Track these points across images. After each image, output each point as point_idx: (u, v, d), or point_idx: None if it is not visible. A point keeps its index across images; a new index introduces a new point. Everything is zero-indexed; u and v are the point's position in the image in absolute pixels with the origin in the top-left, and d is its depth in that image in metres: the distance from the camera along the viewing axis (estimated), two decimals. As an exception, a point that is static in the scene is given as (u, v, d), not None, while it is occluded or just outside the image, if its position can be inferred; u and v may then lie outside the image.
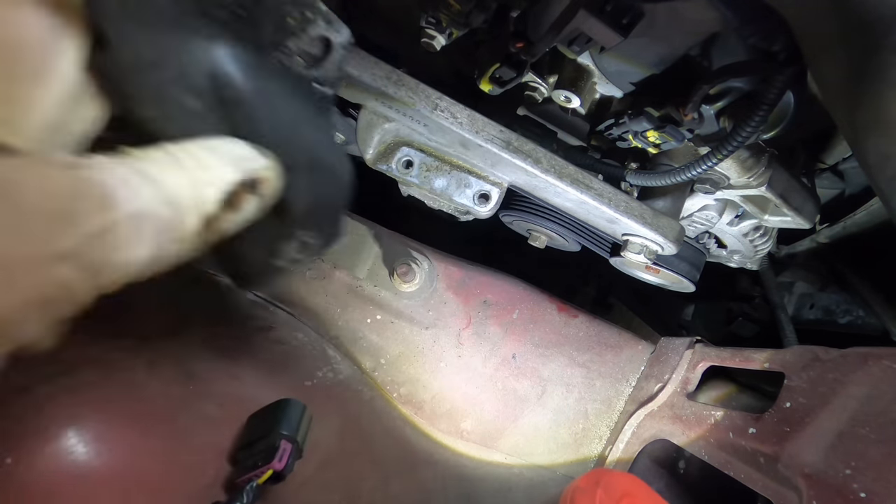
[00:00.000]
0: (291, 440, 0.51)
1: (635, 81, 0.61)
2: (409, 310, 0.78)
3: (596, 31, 0.49)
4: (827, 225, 0.79)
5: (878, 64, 0.37)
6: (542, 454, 0.79)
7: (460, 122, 0.58)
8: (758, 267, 0.89)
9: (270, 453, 0.49)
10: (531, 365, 0.80)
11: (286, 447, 0.50)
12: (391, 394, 0.76)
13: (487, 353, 0.79)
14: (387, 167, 0.63)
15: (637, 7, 0.49)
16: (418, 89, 0.57)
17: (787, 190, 0.65)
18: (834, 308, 0.86)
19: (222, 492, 0.50)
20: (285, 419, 0.52)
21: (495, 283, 0.81)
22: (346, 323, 0.78)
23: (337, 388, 0.68)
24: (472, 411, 0.78)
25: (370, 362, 0.77)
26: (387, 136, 0.63)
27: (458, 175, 0.63)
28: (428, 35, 0.53)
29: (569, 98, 0.62)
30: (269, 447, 0.50)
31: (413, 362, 0.77)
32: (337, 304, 0.78)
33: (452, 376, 0.78)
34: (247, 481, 0.47)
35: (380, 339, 0.77)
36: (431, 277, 0.79)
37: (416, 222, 0.99)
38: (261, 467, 0.48)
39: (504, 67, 0.56)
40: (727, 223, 0.76)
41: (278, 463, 0.48)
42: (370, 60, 0.55)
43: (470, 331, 0.79)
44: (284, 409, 0.54)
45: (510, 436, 0.79)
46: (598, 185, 0.60)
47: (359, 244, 0.78)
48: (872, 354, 0.50)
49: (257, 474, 0.48)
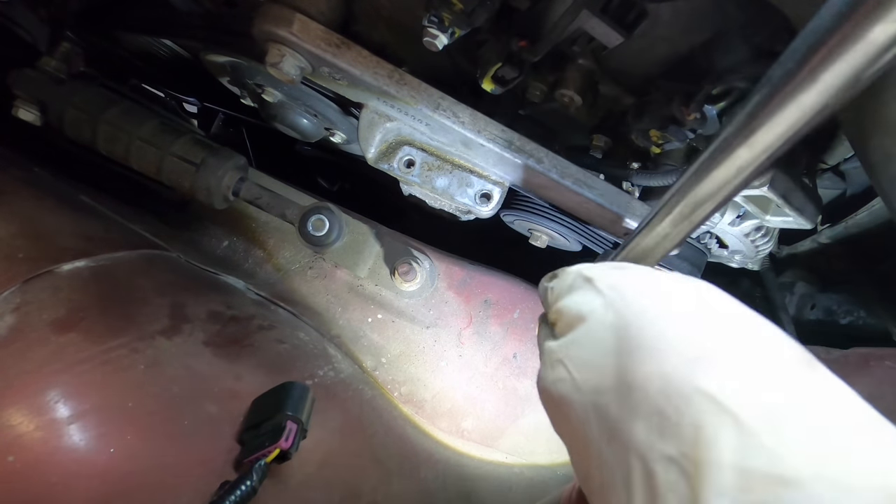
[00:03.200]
0: (296, 420, 0.53)
1: (638, 81, 0.60)
2: (410, 309, 0.78)
3: (598, 31, 0.49)
4: (828, 225, 0.79)
5: (881, 64, 0.36)
6: (543, 454, 0.79)
7: (462, 121, 0.58)
8: (759, 267, 0.89)
9: (277, 433, 0.50)
10: (532, 364, 0.80)
11: (292, 427, 0.51)
12: (392, 393, 0.76)
13: (488, 353, 0.79)
14: (388, 166, 0.63)
15: (640, 6, 0.49)
16: (420, 88, 0.57)
17: (789, 190, 0.65)
18: (835, 308, 0.86)
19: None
20: (290, 400, 0.54)
21: (496, 283, 0.81)
22: (347, 322, 0.78)
23: (338, 387, 0.68)
24: (473, 410, 0.78)
25: (371, 361, 0.77)
26: (388, 136, 0.63)
27: (459, 174, 0.63)
28: (430, 34, 0.52)
29: (571, 98, 0.61)
30: (275, 427, 0.51)
31: (414, 361, 0.77)
32: (338, 303, 0.78)
33: (453, 375, 0.78)
34: (255, 460, 0.49)
35: (381, 338, 0.77)
36: (432, 277, 0.79)
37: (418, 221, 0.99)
38: (268, 447, 0.50)
39: (506, 67, 0.56)
40: (728, 223, 0.75)
41: (285, 442, 0.50)
42: (372, 60, 0.55)
43: (471, 330, 0.79)
44: (289, 391, 0.55)
45: (511, 435, 0.79)
46: (599, 185, 0.60)
47: (360, 243, 0.78)
48: (874, 355, 0.50)
49: (265, 454, 0.49)
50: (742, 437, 0.16)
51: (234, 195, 0.71)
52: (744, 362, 0.18)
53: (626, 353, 0.20)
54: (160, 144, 0.68)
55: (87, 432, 0.47)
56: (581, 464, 0.22)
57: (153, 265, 0.69)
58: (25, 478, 0.44)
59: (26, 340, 0.51)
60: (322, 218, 0.72)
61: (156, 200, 0.86)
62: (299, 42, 0.52)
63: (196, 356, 0.59)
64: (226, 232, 0.83)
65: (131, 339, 0.55)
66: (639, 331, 0.20)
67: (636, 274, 0.24)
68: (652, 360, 0.19)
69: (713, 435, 0.16)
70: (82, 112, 0.69)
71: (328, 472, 0.58)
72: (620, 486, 0.18)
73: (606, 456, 0.19)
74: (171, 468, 0.49)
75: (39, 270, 0.56)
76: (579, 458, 0.22)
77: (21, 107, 0.69)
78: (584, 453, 0.21)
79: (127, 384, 0.52)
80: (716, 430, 0.16)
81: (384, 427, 0.70)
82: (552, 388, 0.23)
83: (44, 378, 0.49)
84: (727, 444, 0.16)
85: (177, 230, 0.82)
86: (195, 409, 0.54)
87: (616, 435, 0.19)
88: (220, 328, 0.64)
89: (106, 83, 0.76)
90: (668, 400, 0.17)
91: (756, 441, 0.15)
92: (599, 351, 0.21)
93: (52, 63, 0.70)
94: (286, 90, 0.69)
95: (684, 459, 0.16)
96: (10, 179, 0.68)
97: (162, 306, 0.62)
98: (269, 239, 0.82)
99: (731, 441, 0.16)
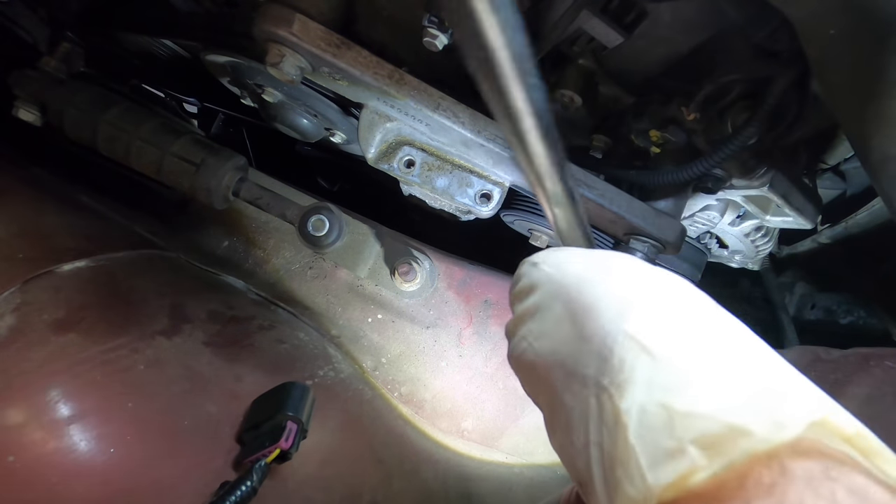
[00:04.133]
0: (297, 420, 0.53)
1: (638, 81, 0.60)
2: (410, 309, 0.78)
3: (598, 31, 0.49)
4: (828, 225, 0.79)
5: (881, 64, 0.37)
6: (543, 454, 0.79)
7: (462, 121, 0.58)
8: (759, 267, 0.89)
9: (277, 433, 0.51)
10: (532, 364, 0.80)
11: (292, 427, 0.52)
12: (392, 393, 0.76)
13: (488, 353, 0.79)
14: (388, 166, 0.63)
15: (640, 6, 0.49)
16: (420, 88, 0.57)
17: (789, 190, 0.65)
18: (835, 308, 0.86)
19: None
20: (290, 400, 0.54)
21: (497, 283, 0.81)
22: (347, 322, 0.78)
23: (338, 388, 0.68)
24: (473, 411, 0.78)
25: (371, 361, 0.77)
26: (389, 136, 0.63)
27: (459, 174, 0.63)
28: (430, 34, 0.52)
29: (571, 98, 0.61)
30: (275, 428, 0.51)
31: (414, 361, 0.77)
32: (338, 303, 0.78)
33: (453, 376, 0.78)
34: (255, 460, 0.49)
35: (381, 339, 0.77)
36: (432, 277, 0.79)
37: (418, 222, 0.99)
38: (268, 447, 0.50)
39: (506, 67, 0.56)
40: (729, 223, 0.76)
41: (285, 442, 0.50)
42: (372, 60, 0.55)
43: (471, 330, 0.79)
44: (289, 391, 0.55)
45: (511, 435, 0.79)
46: (600, 185, 0.60)
47: (360, 243, 0.78)
48: (874, 355, 0.50)
49: (265, 454, 0.49)
50: (653, 363, 0.21)
51: (234, 195, 0.71)
52: (658, 309, 0.23)
53: (572, 316, 0.25)
54: (160, 144, 0.68)
55: (87, 432, 0.47)
56: (550, 419, 0.26)
57: (153, 265, 0.69)
58: (25, 478, 0.44)
59: (26, 340, 0.51)
60: (322, 218, 0.72)
61: (156, 200, 0.86)
62: (299, 42, 0.52)
63: (196, 356, 0.59)
64: (226, 232, 0.83)
65: (131, 339, 0.55)
66: (579, 296, 0.25)
67: (572, 252, 0.29)
68: (594, 318, 0.24)
69: (632, 364, 0.22)
70: (82, 112, 0.69)
71: (328, 472, 0.58)
72: (578, 423, 0.23)
73: (567, 402, 0.24)
74: (171, 468, 0.49)
75: (39, 271, 0.56)
76: (548, 412, 0.26)
77: (21, 107, 0.69)
78: (551, 406, 0.26)
79: (127, 384, 0.52)
80: (634, 359, 0.22)
81: (384, 427, 0.70)
82: (519, 358, 0.28)
83: (44, 378, 0.49)
84: (642, 369, 0.21)
85: (177, 230, 0.82)
86: (195, 409, 0.54)
87: (572, 383, 0.24)
88: (220, 328, 0.64)
89: (106, 83, 0.76)
90: (605, 345, 0.23)
91: (662, 365, 0.21)
92: (550, 319, 0.26)
93: (52, 63, 0.70)
94: (286, 90, 0.69)
95: (612, 386, 0.22)
96: (10, 179, 0.68)
97: (162, 306, 0.62)
98: (269, 239, 0.82)
99: (645, 367, 0.21)
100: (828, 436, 0.19)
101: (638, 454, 0.20)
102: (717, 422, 0.19)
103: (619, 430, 0.21)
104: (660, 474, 0.19)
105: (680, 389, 0.20)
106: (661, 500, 0.19)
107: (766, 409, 0.20)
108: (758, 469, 0.18)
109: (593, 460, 0.22)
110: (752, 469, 0.18)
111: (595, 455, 0.22)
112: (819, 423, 0.20)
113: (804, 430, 0.19)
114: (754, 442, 0.19)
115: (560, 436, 0.25)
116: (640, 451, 0.20)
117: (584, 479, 0.23)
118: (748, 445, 0.19)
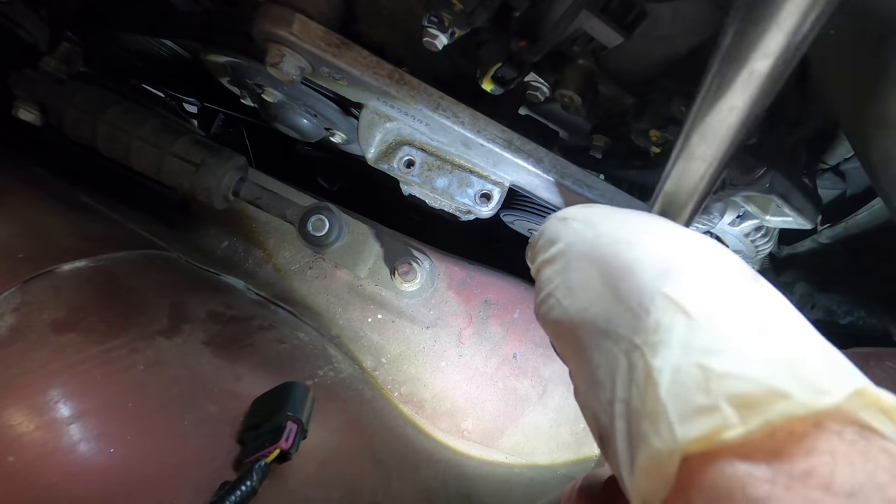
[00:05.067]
0: (297, 420, 0.53)
1: (638, 81, 0.60)
2: (410, 309, 0.78)
3: (598, 31, 0.49)
4: (828, 225, 0.79)
5: (881, 64, 0.37)
6: (543, 454, 0.79)
7: (462, 121, 0.58)
8: (759, 267, 0.89)
9: (277, 433, 0.50)
10: (532, 364, 0.80)
11: (292, 427, 0.51)
12: (392, 393, 0.76)
13: (488, 353, 0.79)
14: (388, 166, 0.63)
15: (640, 6, 0.49)
16: (420, 88, 0.57)
17: (789, 190, 0.65)
18: (835, 308, 0.86)
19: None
20: (290, 400, 0.54)
21: (496, 283, 0.81)
22: (347, 322, 0.78)
23: (338, 388, 0.68)
24: (473, 411, 0.78)
25: (371, 361, 0.77)
26: (388, 136, 0.63)
27: (459, 174, 0.63)
28: (430, 34, 0.52)
29: (571, 98, 0.61)
30: (275, 428, 0.51)
31: (414, 361, 0.77)
32: (338, 303, 0.78)
33: (453, 376, 0.78)
34: (255, 460, 0.48)
35: (381, 339, 0.77)
36: (432, 277, 0.79)
37: (418, 222, 0.99)
38: (268, 447, 0.49)
39: (506, 67, 0.56)
40: (728, 223, 0.75)
41: (285, 442, 0.50)
42: (372, 60, 0.55)
43: (471, 330, 0.79)
44: (289, 391, 0.55)
45: (511, 435, 0.79)
46: (599, 185, 0.60)
47: (360, 243, 0.78)
48: (874, 355, 0.50)
49: (265, 454, 0.49)
50: (690, 325, 0.21)
51: (234, 195, 0.71)
52: (699, 273, 0.23)
53: (605, 275, 0.24)
54: (160, 144, 0.68)
55: (87, 432, 0.47)
56: (576, 373, 0.26)
57: (153, 265, 0.69)
58: (25, 478, 0.44)
59: (26, 340, 0.51)
60: (322, 218, 0.72)
61: (156, 200, 0.86)
62: (299, 42, 0.52)
63: (196, 356, 0.59)
64: (226, 232, 0.83)
65: (131, 339, 0.55)
66: (616, 256, 0.25)
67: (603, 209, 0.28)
68: (630, 278, 0.23)
69: (669, 325, 0.21)
70: (82, 112, 0.69)
71: (328, 472, 0.58)
72: (605, 379, 0.23)
73: (594, 359, 0.24)
74: (171, 468, 0.49)
75: (39, 270, 0.56)
76: (575, 367, 0.26)
77: (21, 107, 0.69)
78: (577, 362, 0.25)
79: (127, 384, 0.52)
80: (671, 321, 0.21)
81: (384, 427, 0.70)
82: (547, 315, 0.27)
83: (44, 378, 0.49)
84: (679, 330, 0.21)
85: (177, 230, 0.82)
86: (195, 409, 0.54)
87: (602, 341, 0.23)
88: (220, 328, 0.64)
89: (106, 83, 0.76)
90: (641, 305, 0.22)
91: (701, 328, 0.21)
92: (580, 277, 0.26)
93: (52, 63, 0.70)
94: (286, 90, 0.69)
95: (645, 345, 0.21)
96: (10, 179, 0.68)
97: (162, 306, 0.62)
98: (268, 239, 0.82)
99: (682, 329, 0.21)
100: (865, 408, 0.19)
101: (668, 409, 0.20)
102: (755, 383, 0.19)
103: (649, 386, 0.20)
104: (689, 428, 0.19)
105: (718, 352, 0.20)
106: (688, 452, 0.19)
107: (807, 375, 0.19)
108: (793, 426, 0.18)
109: (617, 415, 0.22)
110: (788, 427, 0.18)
111: (620, 410, 0.22)
112: (859, 392, 0.19)
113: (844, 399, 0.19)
114: (793, 406, 0.18)
115: (584, 390, 0.25)
116: (670, 407, 0.20)
117: (605, 433, 0.23)
118: (786, 408, 0.18)
